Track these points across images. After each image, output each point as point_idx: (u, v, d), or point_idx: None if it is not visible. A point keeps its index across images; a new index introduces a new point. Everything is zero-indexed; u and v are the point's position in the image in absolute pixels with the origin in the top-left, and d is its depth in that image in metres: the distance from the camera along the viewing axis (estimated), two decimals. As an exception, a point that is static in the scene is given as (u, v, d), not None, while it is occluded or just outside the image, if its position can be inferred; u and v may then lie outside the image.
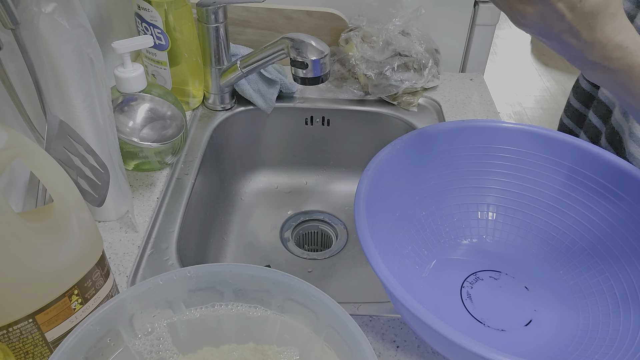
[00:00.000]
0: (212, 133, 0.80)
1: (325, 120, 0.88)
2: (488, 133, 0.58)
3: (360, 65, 0.84)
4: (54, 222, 0.40)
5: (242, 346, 0.42)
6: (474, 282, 0.57)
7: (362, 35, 0.86)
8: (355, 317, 0.38)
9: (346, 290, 0.78)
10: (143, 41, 0.62)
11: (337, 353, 0.39)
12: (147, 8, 0.71)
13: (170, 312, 0.41)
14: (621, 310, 0.50)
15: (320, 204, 0.90)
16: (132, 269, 0.58)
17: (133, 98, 0.62)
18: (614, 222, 0.54)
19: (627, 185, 0.52)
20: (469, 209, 0.61)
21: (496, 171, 0.60)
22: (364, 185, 0.50)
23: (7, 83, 0.47)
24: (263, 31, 0.91)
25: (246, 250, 0.83)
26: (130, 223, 0.63)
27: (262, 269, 0.41)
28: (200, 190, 0.74)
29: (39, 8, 0.46)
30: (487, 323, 0.53)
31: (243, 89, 0.82)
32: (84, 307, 0.43)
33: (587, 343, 0.50)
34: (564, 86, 2.67)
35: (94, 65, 0.52)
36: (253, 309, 0.42)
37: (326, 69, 0.66)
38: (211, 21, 0.74)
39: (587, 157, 0.55)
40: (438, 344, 0.44)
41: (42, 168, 0.39)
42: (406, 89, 0.84)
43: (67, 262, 0.40)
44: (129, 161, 0.67)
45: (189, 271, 0.40)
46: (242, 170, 0.91)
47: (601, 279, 0.54)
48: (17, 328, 0.39)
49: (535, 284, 0.57)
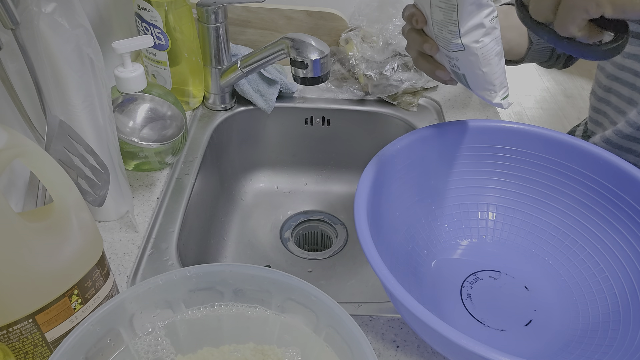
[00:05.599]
0: (212, 133, 0.80)
1: (325, 120, 0.88)
2: (488, 133, 0.58)
3: (360, 65, 0.84)
4: (54, 222, 0.40)
5: (242, 346, 0.42)
6: (474, 282, 0.57)
7: (362, 35, 0.86)
8: (355, 317, 0.38)
9: (346, 290, 0.78)
10: (143, 41, 0.62)
11: (337, 353, 0.39)
12: (147, 8, 0.71)
13: (170, 312, 0.41)
14: (621, 310, 0.50)
15: (320, 204, 0.91)
16: (132, 269, 0.58)
17: (133, 98, 0.62)
18: (614, 222, 0.54)
19: (627, 185, 0.52)
20: (469, 209, 0.61)
21: (496, 171, 0.60)
22: (364, 185, 0.50)
23: (7, 83, 0.47)
24: (263, 31, 0.91)
25: (246, 250, 0.83)
26: (130, 223, 0.63)
27: (262, 269, 0.41)
28: (200, 190, 0.74)
29: (39, 8, 0.46)
30: (487, 323, 0.53)
31: (243, 89, 0.82)
32: (84, 307, 0.43)
33: (587, 343, 0.50)
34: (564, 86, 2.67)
35: (94, 65, 0.52)
36: (253, 309, 0.42)
37: (326, 69, 0.66)
38: (211, 21, 0.74)
39: (587, 157, 0.55)
40: (438, 344, 0.44)
41: (42, 168, 0.39)
42: (406, 89, 0.84)
43: (67, 262, 0.40)
44: (129, 161, 0.67)
45: (189, 271, 0.40)
46: (242, 170, 0.91)
47: (601, 278, 0.54)
48: (17, 328, 0.39)
49: (535, 284, 0.57)
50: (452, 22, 0.45)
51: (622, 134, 0.63)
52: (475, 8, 0.44)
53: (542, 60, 0.71)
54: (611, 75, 0.65)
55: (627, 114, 0.63)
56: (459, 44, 0.46)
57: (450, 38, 0.46)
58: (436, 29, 0.47)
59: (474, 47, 0.45)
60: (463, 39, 0.45)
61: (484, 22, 0.44)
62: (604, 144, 0.66)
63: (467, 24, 0.44)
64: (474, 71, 0.47)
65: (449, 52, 0.48)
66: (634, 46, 0.60)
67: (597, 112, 0.70)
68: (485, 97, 0.49)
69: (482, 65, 0.46)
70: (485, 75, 0.47)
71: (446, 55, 0.49)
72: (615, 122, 0.66)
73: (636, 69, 0.61)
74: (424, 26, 0.50)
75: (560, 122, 2.36)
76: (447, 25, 0.46)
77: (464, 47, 0.46)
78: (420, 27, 0.50)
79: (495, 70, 0.47)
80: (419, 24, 0.49)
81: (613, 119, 0.66)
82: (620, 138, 0.64)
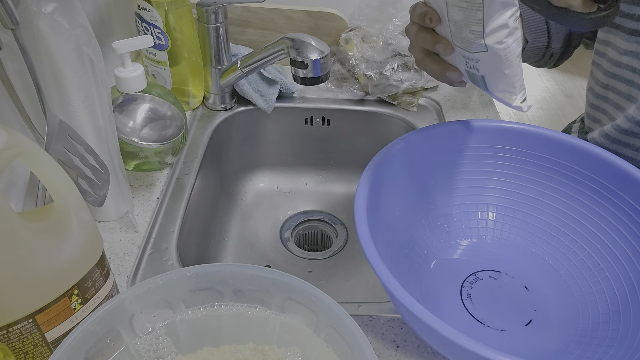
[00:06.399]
0: (212, 133, 0.80)
1: (325, 120, 0.88)
2: (488, 133, 0.58)
3: (360, 65, 0.84)
4: (54, 222, 0.40)
5: (242, 346, 0.42)
6: (474, 282, 0.57)
7: (362, 35, 0.86)
8: (355, 317, 0.38)
9: (346, 290, 0.78)
10: (143, 41, 0.62)
11: (337, 353, 0.39)
12: (147, 8, 0.71)
13: (170, 312, 0.41)
14: (621, 310, 0.50)
15: (320, 204, 0.91)
16: (132, 269, 0.58)
17: (133, 98, 0.62)
18: (614, 222, 0.54)
19: (627, 185, 0.52)
20: (469, 209, 0.61)
21: (496, 171, 0.60)
22: (364, 185, 0.50)
23: (7, 83, 0.47)
24: (263, 31, 0.91)
25: (246, 250, 0.83)
26: (130, 223, 0.63)
27: (262, 269, 0.41)
28: (200, 190, 0.74)
29: (39, 8, 0.46)
30: (487, 323, 0.53)
31: (243, 89, 0.82)
32: (84, 307, 0.43)
33: (587, 343, 0.50)
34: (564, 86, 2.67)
35: (94, 65, 0.52)
36: (253, 309, 0.42)
37: (326, 69, 0.66)
38: (211, 21, 0.74)
39: (587, 157, 0.55)
40: (438, 344, 0.44)
41: (42, 168, 0.39)
42: (406, 89, 0.84)
43: (67, 262, 0.40)
44: (129, 161, 0.67)
45: (189, 271, 0.40)
46: (242, 170, 0.91)
47: (601, 278, 0.54)
48: (17, 328, 0.39)
49: (535, 284, 0.57)
50: (476, 22, 0.43)
51: (621, 128, 0.63)
52: (501, 7, 0.42)
53: (535, 59, 0.71)
54: (608, 73, 0.65)
55: (626, 110, 0.63)
56: (482, 45, 0.44)
57: (472, 39, 0.44)
58: (453, 29, 0.46)
59: (497, 48, 0.43)
60: (487, 39, 0.43)
61: (508, 22, 0.42)
62: (602, 139, 0.66)
63: (492, 24, 0.42)
64: (495, 73, 0.46)
65: (469, 52, 0.46)
66: (630, 43, 0.60)
67: (595, 109, 0.70)
68: (505, 99, 0.47)
69: (505, 67, 0.45)
70: (507, 78, 0.45)
71: (463, 56, 0.47)
72: (613, 118, 0.66)
73: (634, 65, 0.61)
74: (438, 25, 0.48)
75: (560, 122, 2.36)
76: (468, 25, 0.44)
77: (487, 48, 0.44)
78: (433, 26, 0.48)
79: (517, 72, 0.45)
80: (432, 23, 0.47)
81: (612, 115, 0.66)
82: (618, 132, 0.64)
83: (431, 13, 0.47)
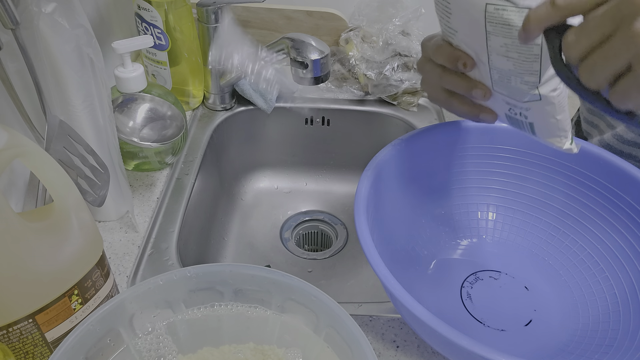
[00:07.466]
0: (212, 133, 0.80)
1: (325, 120, 0.88)
2: (488, 133, 0.58)
3: (360, 65, 0.84)
4: (54, 222, 0.40)
5: (242, 346, 0.42)
6: (474, 282, 0.57)
7: (362, 35, 0.86)
8: (355, 317, 0.38)
9: (346, 290, 0.78)
10: (143, 41, 0.62)
11: (337, 353, 0.39)
12: (147, 8, 0.71)
13: (170, 312, 0.41)
14: (621, 310, 0.50)
15: (320, 204, 0.91)
16: (132, 269, 0.58)
17: (133, 98, 0.62)
18: (614, 222, 0.54)
19: (627, 185, 0.52)
20: (469, 209, 0.61)
21: (496, 171, 0.60)
22: (364, 185, 0.50)
23: (7, 83, 0.47)
24: (263, 31, 0.91)
25: (246, 250, 0.83)
26: (130, 223, 0.63)
27: (262, 269, 0.41)
28: (200, 190, 0.74)
29: (39, 8, 0.46)
30: (487, 323, 0.53)
31: (243, 89, 0.82)
32: (84, 307, 0.43)
33: (587, 343, 0.50)
34: (564, 86, 2.66)
35: (94, 65, 0.52)
36: (253, 309, 0.42)
37: (326, 69, 0.67)
38: (211, 21, 0.74)
39: (587, 157, 0.55)
40: (438, 344, 0.44)
41: (42, 168, 0.39)
42: (406, 89, 0.84)
43: (67, 262, 0.40)
44: (129, 161, 0.67)
45: (189, 271, 0.40)
46: (242, 170, 0.91)
47: (601, 279, 0.54)
48: (17, 328, 0.39)
49: (535, 284, 0.57)
50: (531, 73, 0.40)
51: (623, 139, 0.63)
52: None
53: None
54: None
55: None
56: (536, 95, 0.41)
57: (525, 89, 0.41)
58: (496, 77, 0.42)
59: (551, 96, 0.41)
60: (541, 89, 0.41)
61: None
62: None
63: (546, 73, 0.40)
64: (547, 120, 0.43)
65: (520, 102, 0.43)
66: None
67: (592, 114, 0.69)
68: (555, 144, 0.45)
69: (557, 113, 0.42)
70: (559, 123, 0.43)
71: (507, 103, 0.44)
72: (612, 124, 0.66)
73: None
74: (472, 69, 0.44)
75: (560, 122, 2.36)
76: (520, 76, 0.41)
77: (541, 97, 0.41)
78: (467, 72, 0.44)
79: (567, 115, 0.43)
80: (467, 68, 0.43)
81: (609, 121, 0.66)
82: (621, 144, 0.63)
83: (464, 58, 0.43)
